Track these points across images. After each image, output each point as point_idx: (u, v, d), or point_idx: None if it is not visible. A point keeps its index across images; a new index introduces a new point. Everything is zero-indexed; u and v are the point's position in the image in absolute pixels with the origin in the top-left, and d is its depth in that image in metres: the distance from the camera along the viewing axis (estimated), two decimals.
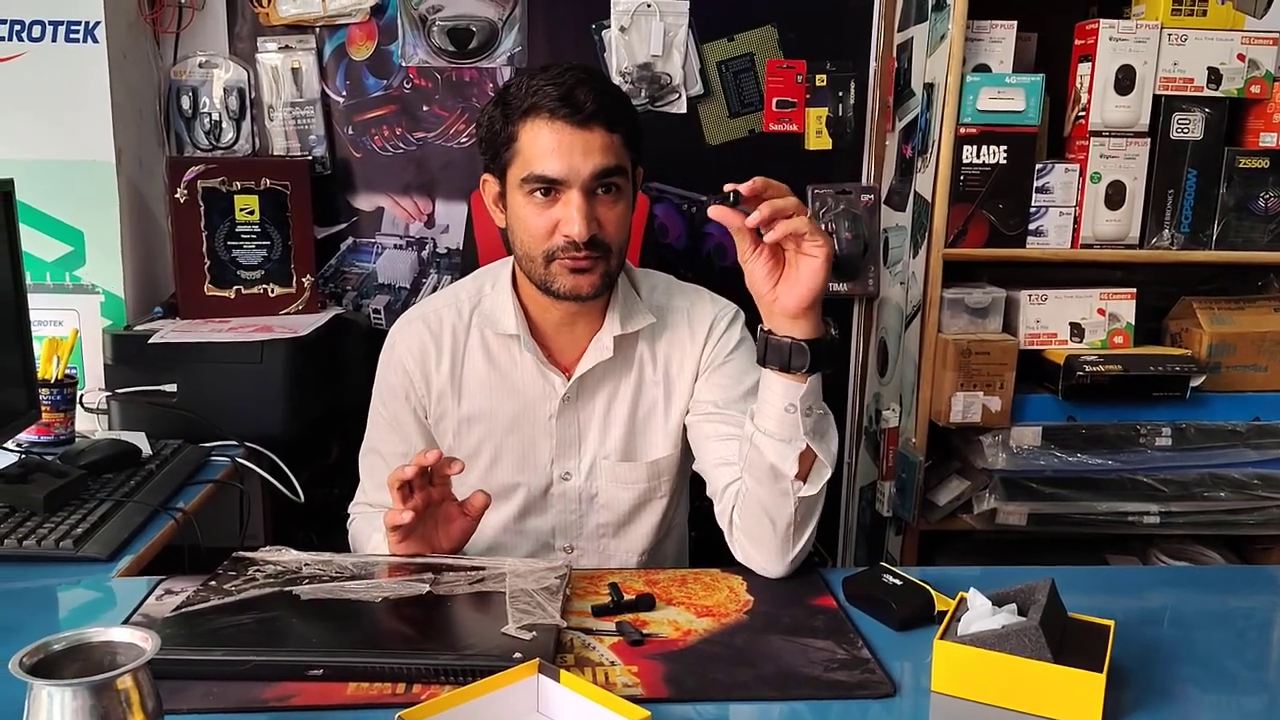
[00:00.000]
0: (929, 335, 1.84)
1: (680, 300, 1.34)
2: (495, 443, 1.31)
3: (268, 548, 1.13)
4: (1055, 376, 1.81)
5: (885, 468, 1.98)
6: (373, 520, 1.28)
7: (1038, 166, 1.81)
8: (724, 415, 1.25)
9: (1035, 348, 1.85)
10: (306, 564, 1.10)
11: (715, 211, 1.02)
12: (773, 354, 1.07)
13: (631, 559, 1.35)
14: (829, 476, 1.11)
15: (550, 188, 1.17)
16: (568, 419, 1.30)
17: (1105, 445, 1.84)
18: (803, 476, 1.09)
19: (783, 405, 1.07)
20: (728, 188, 1.02)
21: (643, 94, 1.99)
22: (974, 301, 1.84)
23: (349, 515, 1.37)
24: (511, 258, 1.31)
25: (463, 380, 1.31)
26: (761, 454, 1.09)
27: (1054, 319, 1.85)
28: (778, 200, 1.02)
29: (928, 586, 1.06)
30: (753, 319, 1.37)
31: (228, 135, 1.98)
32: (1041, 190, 1.82)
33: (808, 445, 1.07)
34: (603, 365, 1.29)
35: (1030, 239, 1.84)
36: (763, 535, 1.13)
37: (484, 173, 1.26)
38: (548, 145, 1.16)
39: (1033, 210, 1.83)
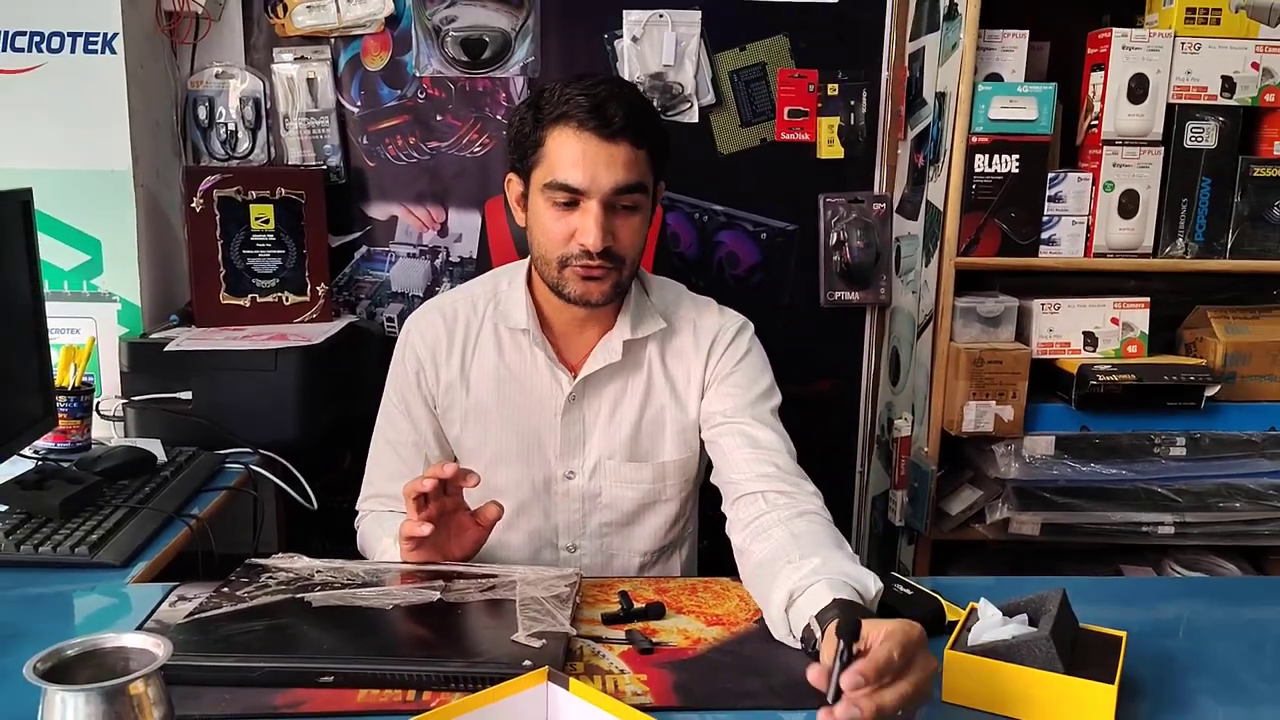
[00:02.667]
0: (941, 344, 1.83)
1: (688, 310, 1.34)
2: (501, 437, 1.32)
3: (280, 555, 1.14)
4: (1069, 386, 1.81)
5: (897, 477, 1.98)
6: (383, 521, 1.28)
7: (1050, 175, 1.81)
8: (735, 424, 1.25)
9: (1048, 357, 1.85)
10: (318, 571, 1.10)
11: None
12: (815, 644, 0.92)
13: (634, 559, 1.36)
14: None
15: (571, 196, 1.18)
16: (573, 417, 1.31)
17: (1119, 455, 1.83)
18: None
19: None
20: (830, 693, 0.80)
21: (655, 103, 1.99)
22: (986, 310, 1.84)
23: (358, 512, 1.38)
24: (528, 259, 1.32)
25: (471, 372, 1.32)
26: (801, 618, 0.96)
27: (1067, 328, 1.84)
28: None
29: (938, 596, 1.06)
30: (760, 330, 1.37)
31: (243, 145, 1.99)
32: (1054, 199, 1.82)
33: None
34: (611, 367, 1.30)
35: (1043, 248, 1.83)
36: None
37: (510, 171, 1.27)
38: (573, 155, 1.17)
39: (1045, 219, 1.82)
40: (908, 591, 1.07)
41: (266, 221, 1.88)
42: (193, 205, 1.84)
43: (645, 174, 1.20)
